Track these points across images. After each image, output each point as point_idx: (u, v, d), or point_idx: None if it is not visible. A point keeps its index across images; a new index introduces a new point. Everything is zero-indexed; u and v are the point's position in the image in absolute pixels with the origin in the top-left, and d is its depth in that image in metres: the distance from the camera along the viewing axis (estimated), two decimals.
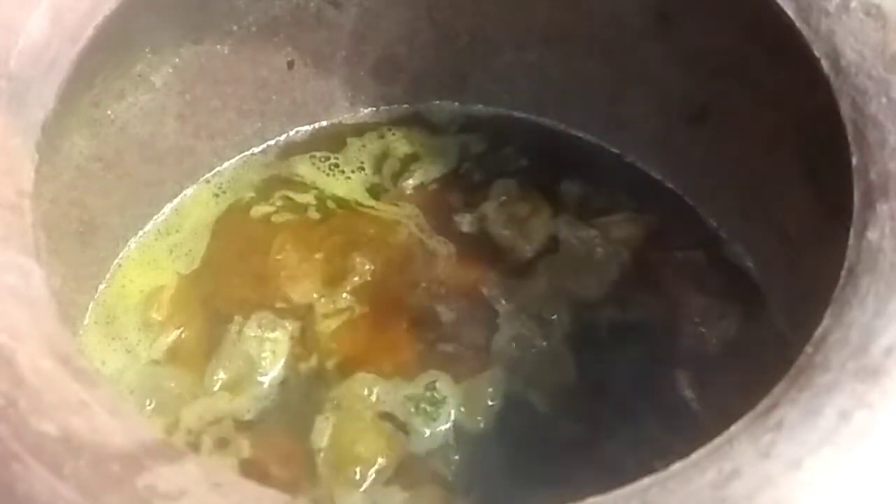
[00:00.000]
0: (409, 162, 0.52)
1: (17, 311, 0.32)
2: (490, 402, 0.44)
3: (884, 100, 0.35)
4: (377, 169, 0.51)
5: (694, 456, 0.29)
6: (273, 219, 0.50)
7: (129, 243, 0.49)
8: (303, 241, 0.49)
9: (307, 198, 0.50)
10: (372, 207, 0.50)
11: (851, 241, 0.33)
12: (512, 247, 0.49)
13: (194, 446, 0.43)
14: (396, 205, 0.50)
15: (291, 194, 0.50)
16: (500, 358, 0.45)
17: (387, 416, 0.44)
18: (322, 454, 0.43)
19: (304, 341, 0.46)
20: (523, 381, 0.45)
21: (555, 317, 0.46)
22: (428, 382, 0.45)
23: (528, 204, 0.50)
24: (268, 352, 0.45)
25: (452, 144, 0.52)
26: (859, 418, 0.29)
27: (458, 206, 0.50)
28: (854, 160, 0.35)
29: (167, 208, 0.50)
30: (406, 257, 0.49)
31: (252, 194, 0.50)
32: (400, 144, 0.52)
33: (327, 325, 0.46)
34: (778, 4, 0.38)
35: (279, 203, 0.50)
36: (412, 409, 0.44)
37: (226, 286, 0.47)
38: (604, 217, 0.49)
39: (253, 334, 0.46)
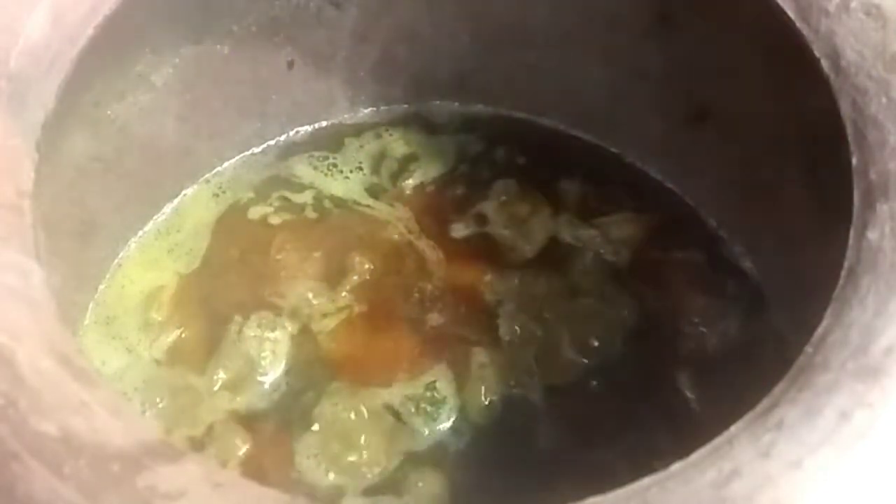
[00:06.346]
0: (407, 162, 0.52)
1: (17, 311, 0.32)
2: (490, 402, 0.44)
3: (884, 100, 0.35)
4: (375, 169, 0.51)
5: (694, 456, 0.29)
6: (271, 219, 0.50)
7: (129, 243, 0.49)
8: (302, 241, 0.49)
9: (305, 198, 0.50)
10: (370, 207, 0.50)
11: (851, 241, 0.33)
12: (512, 247, 0.49)
13: (194, 446, 0.43)
14: (395, 205, 0.50)
15: (289, 194, 0.50)
16: (500, 357, 0.45)
17: (387, 416, 0.44)
18: (322, 454, 0.43)
19: (303, 341, 0.46)
20: (523, 380, 0.45)
21: (554, 316, 0.46)
22: (428, 382, 0.45)
23: (527, 204, 0.50)
24: (268, 352, 0.45)
25: (451, 144, 0.52)
26: (859, 418, 0.29)
27: (457, 207, 0.50)
28: (854, 160, 0.35)
29: (167, 208, 0.50)
30: (405, 257, 0.49)
31: (251, 195, 0.50)
32: (398, 144, 0.52)
33: (327, 325, 0.46)
34: (778, 4, 0.38)
35: (276, 203, 0.50)
36: (412, 409, 0.44)
37: (226, 286, 0.47)
38: (604, 217, 0.49)
39: (253, 334, 0.46)
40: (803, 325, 0.33)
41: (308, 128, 0.53)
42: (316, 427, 0.43)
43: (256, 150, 0.52)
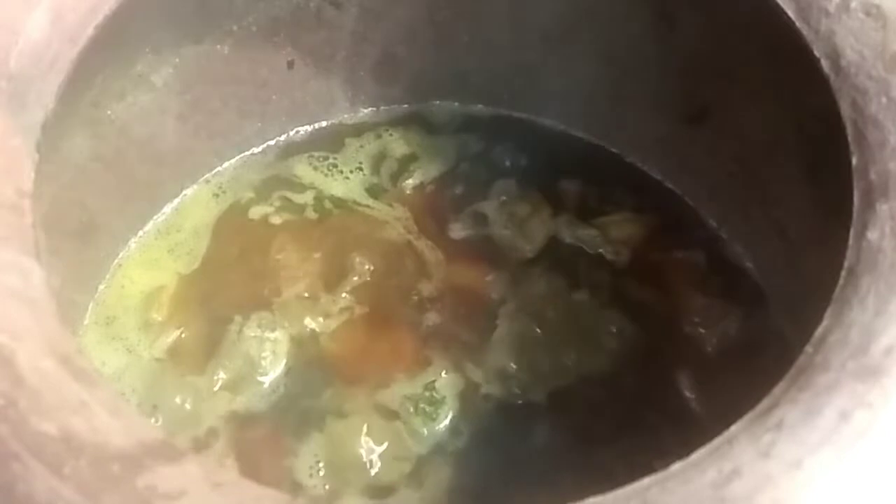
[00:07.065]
0: (407, 162, 0.52)
1: (17, 311, 0.32)
2: (489, 402, 0.44)
3: (884, 100, 0.35)
4: (375, 169, 0.51)
5: (694, 456, 0.29)
6: (271, 219, 0.50)
7: (129, 243, 0.49)
8: (303, 241, 0.49)
9: (305, 198, 0.50)
10: (370, 207, 0.50)
11: (851, 241, 0.33)
12: (512, 247, 0.49)
13: (194, 446, 0.43)
14: (395, 205, 0.50)
15: (290, 194, 0.50)
16: (499, 357, 0.45)
17: (386, 416, 0.44)
18: (322, 454, 0.43)
19: (303, 341, 0.46)
20: (523, 380, 0.45)
21: (554, 316, 0.46)
22: (427, 382, 0.45)
23: (528, 204, 0.50)
24: (268, 352, 0.45)
25: (451, 144, 0.52)
26: (859, 418, 0.29)
27: (457, 207, 0.50)
28: (854, 160, 0.35)
29: (167, 208, 0.50)
30: (405, 257, 0.49)
31: (251, 195, 0.50)
32: (398, 145, 0.52)
33: (327, 325, 0.46)
34: (778, 4, 0.38)
35: (277, 203, 0.50)
36: (411, 409, 0.44)
37: (226, 286, 0.47)
38: (604, 217, 0.49)
39: (253, 334, 0.46)
40: (803, 325, 0.33)
41: (308, 128, 0.53)
42: (315, 427, 0.43)
43: (256, 150, 0.52)
